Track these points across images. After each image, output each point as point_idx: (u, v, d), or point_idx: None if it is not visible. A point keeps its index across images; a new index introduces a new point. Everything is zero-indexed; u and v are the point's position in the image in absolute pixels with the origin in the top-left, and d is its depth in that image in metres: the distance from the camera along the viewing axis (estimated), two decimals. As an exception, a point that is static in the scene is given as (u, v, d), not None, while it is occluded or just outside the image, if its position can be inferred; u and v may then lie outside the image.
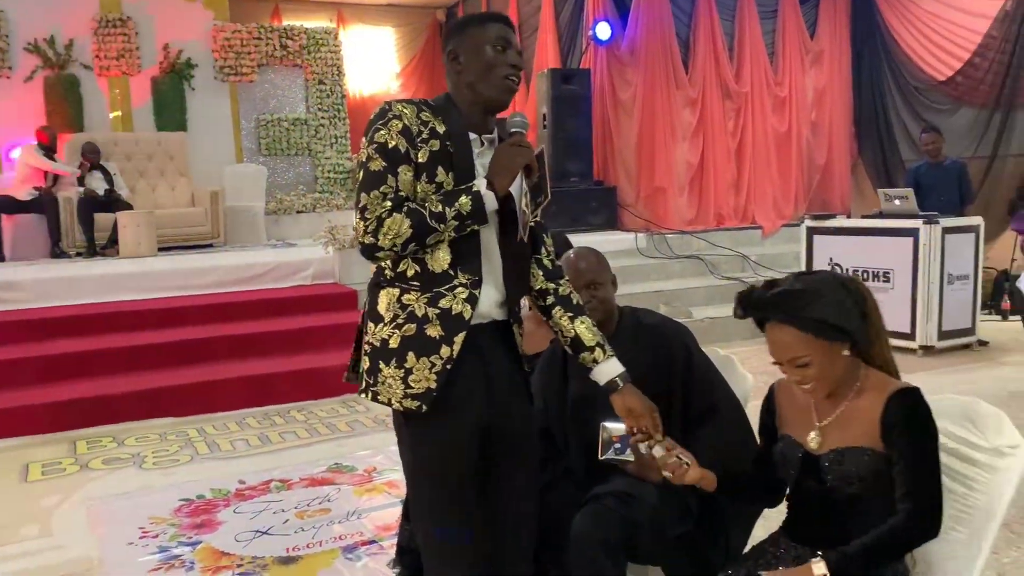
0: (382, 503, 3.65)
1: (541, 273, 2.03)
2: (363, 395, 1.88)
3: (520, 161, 1.81)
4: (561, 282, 2.05)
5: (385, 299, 1.85)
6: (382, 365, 1.83)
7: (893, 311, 6.31)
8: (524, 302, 2.13)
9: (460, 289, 1.83)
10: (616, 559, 2.06)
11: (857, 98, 10.08)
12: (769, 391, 1.97)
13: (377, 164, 1.79)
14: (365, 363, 1.88)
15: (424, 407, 1.80)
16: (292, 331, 6.06)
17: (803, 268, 7.19)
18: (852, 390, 1.79)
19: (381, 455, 4.31)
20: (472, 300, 1.83)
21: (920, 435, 1.69)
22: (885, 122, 9.77)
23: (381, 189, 1.78)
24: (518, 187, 1.85)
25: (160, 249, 7.82)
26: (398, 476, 3.92)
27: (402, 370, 1.81)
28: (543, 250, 2.04)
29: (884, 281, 6.49)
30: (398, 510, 3.53)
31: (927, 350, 6.28)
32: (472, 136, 1.88)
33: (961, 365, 6.02)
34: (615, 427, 2.20)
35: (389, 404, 1.83)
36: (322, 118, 9.84)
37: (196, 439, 4.74)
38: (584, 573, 2.06)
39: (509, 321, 1.94)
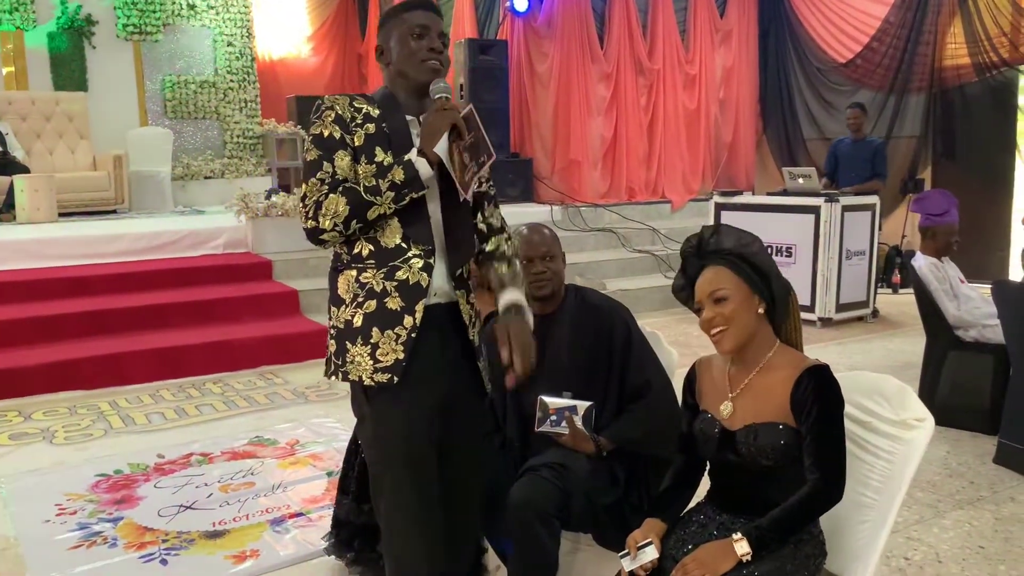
0: (307, 476, 3.66)
1: (477, 238, 2.09)
2: (332, 378, 1.92)
3: (444, 122, 1.85)
4: (496, 238, 2.09)
5: (344, 282, 1.91)
6: (348, 345, 1.87)
7: (795, 285, 6.56)
8: None
9: (414, 259, 1.88)
10: (551, 527, 2.16)
11: (763, 77, 10.41)
12: (691, 368, 2.05)
13: (313, 154, 1.89)
14: (332, 346, 1.92)
15: (395, 378, 1.85)
16: (205, 302, 5.93)
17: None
18: (763, 360, 1.89)
19: (303, 428, 4.30)
20: (427, 268, 1.89)
21: (827, 411, 1.81)
22: (789, 101, 10.12)
23: (318, 176, 1.87)
24: (444, 149, 1.88)
25: (60, 215, 7.49)
26: (322, 448, 3.96)
27: (368, 346, 1.85)
28: (480, 215, 2.08)
29: (787, 256, 6.79)
30: (324, 483, 3.57)
31: (825, 322, 6.63)
32: (410, 118, 1.95)
33: (856, 336, 6.38)
34: (552, 401, 2.30)
35: (360, 382, 1.87)
36: (231, 81, 9.54)
37: (109, 412, 4.62)
38: (522, 540, 2.15)
39: (457, 303, 1.98)
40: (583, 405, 2.29)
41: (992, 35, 8.29)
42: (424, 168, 1.85)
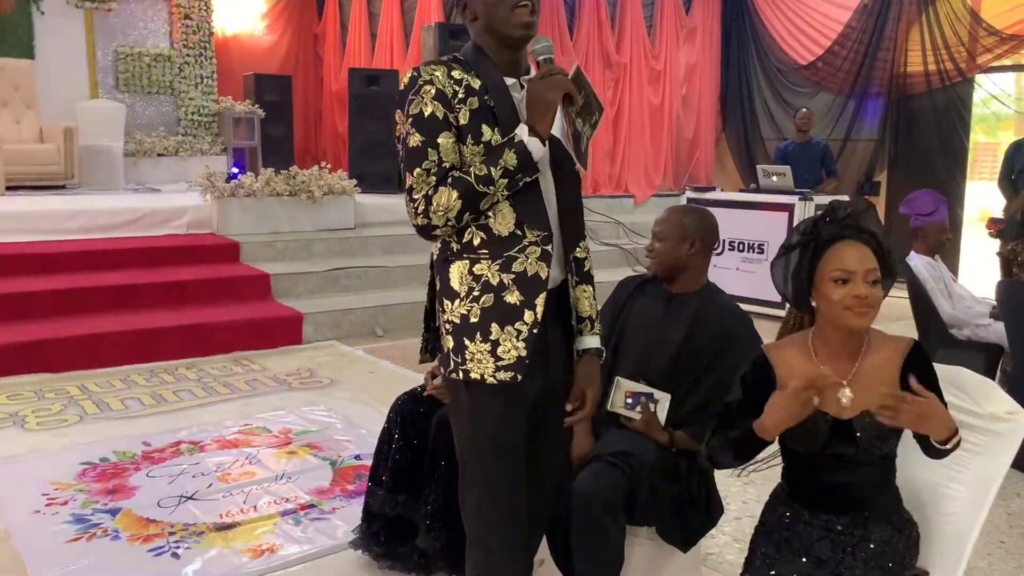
0: (311, 466, 3.52)
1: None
2: (454, 375, 1.80)
3: (555, 95, 1.72)
4: (581, 244, 2.00)
5: (456, 273, 1.78)
6: (467, 342, 1.76)
7: (766, 281, 6.68)
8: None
9: (531, 248, 1.76)
10: (618, 519, 2.10)
11: (724, 76, 10.52)
12: (761, 357, 1.94)
13: (416, 139, 1.72)
14: (448, 342, 1.80)
15: (519, 376, 1.75)
16: (173, 283, 5.68)
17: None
18: (864, 342, 1.85)
19: (293, 415, 4.14)
20: (546, 258, 1.77)
21: (938, 386, 1.81)
22: (749, 100, 10.26)
23: (424, 165, 1.71)
24: (560, 122, 1.77)
25: (7, 188, 7.08)
26: (318, 438, 3.83)
27: (488, 343, 1.75)
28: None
29: (759, 253, 6.88)
30: (329, 473, 3.44)
31: (795, 318, 6.72)
32: (510, 81, 1.79)
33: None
34: (629, 384, 2.24)
35: (483, 380, 1.76)
36: (187, 55, 9.16)
37: (80, 397, 4.37)
38: (587, 533, 2.08)
39: (566, 281, 1.89)
40: (664, 396, 2.23)
41: (951, 44, 8.53)
42: (537, 148, 1.71)
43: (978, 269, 7.96)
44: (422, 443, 2.53)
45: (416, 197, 1.71)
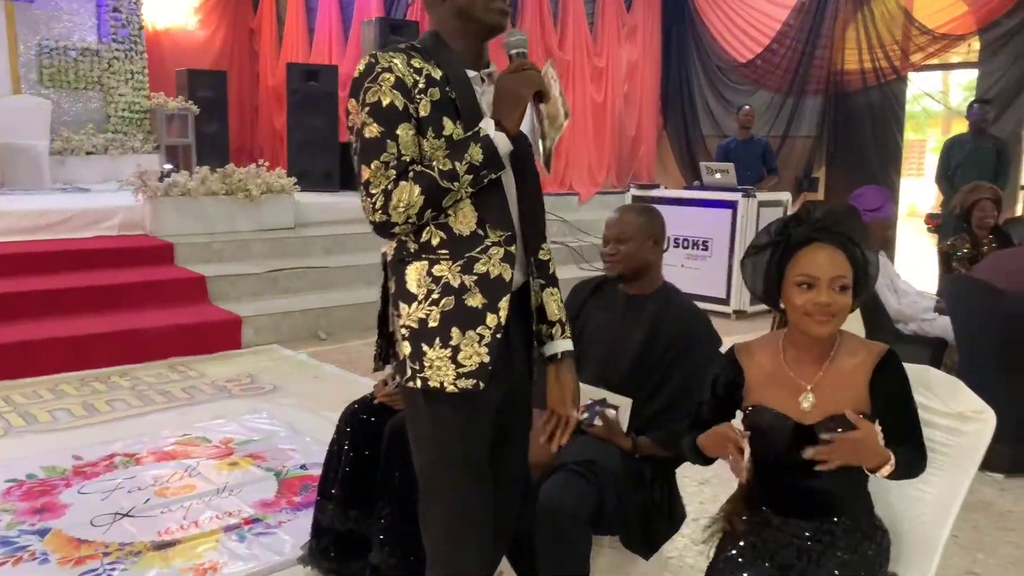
0: (254, 478, 3.37)
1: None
2: (411, 383, 1.68)
3: (527, 90, 1.63)
4: (544, 246, 1.93)
5: (414, 275, 1.68)
6: (425, 348, 1.66)
7: (711, 278, 6.75)
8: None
9: (494, 249, 1.67)
10: (585, 531, 2.03)
11: (665, 73, 10.57)
12: (729, 352, 1.92)
13: (373, 129, 1.61)
14: (405, 349, 1.68)
15: (481, 384, 1.66)
16: (104, 287, 5.43)
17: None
18: (834, 346, 1.81)
19: (234, 424, 3.98)
20: (510, 259, 1.68)
21: (909, 391, 1.78)
22: (689, 98, 10.32)
23: (382, 158, 1.61)
24: (530, 119, 1.69)
25: (-79, 188, 6.72)
26: (261, 447, 3.68)
27: (449, 349, 1.65)
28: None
29: (703, 249, 6.90)
30: (274, 485, 3.31)
31: (740, 314, 6.77)
32: (471, 74, 1.70)
33: (768, 327, 6.53)
34: (589, 390, 2.18)
35: (443, 389, 1.66)
36: (116, 50, 8.82)
37: (4, 409, 4.13)
38: (554, 546, 2.01)
39: (527, 284, 1.81)
40: (623, 401, 2.17)
41: (885, 43, 8.70)
42: (504, 144, 1.63)
43: (911, 264, 8.15)
44: (374, 454, 2.42)
45: (374, 192, 1.60)
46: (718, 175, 7.04)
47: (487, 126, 1.63)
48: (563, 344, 1.88)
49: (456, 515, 1.72)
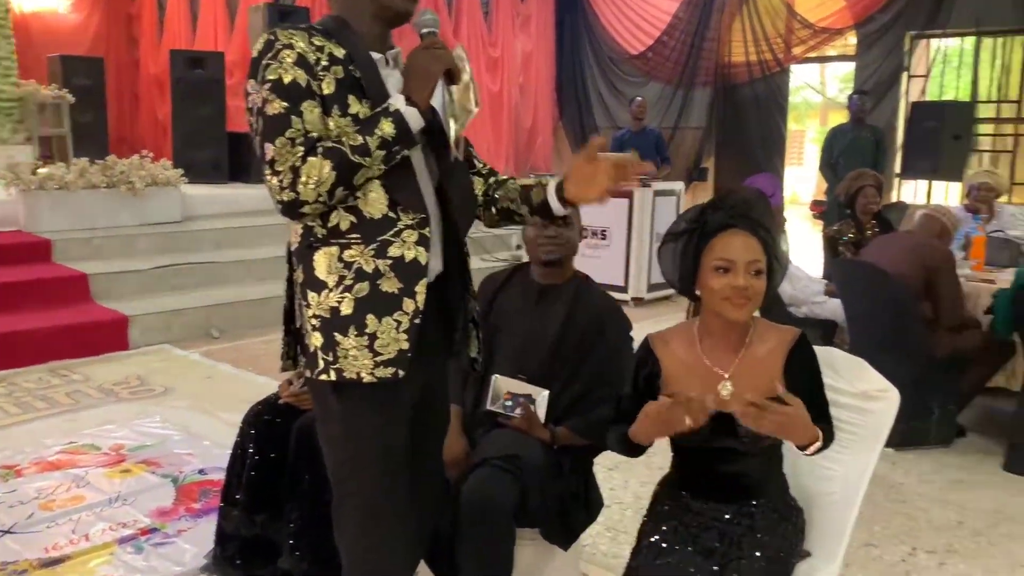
0: (149, 485, 3.19)
1: (481, 183, 1.84)
2: (324, 376, 1.60)
3: (438, 67, 1.59)
4: (496, 174, 1.88)
5: (324, 261, 1.60)
6: (339, 337, 1.58)
7: (609, 266, 6.83)
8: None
9: (408, 232, 1.61)
10: (510, 526, 2.00)
11: (559, 64, 10.66)
12: (645, 344, 1.92)
13: (276, 106, 1.53)
14: (316, 340, 1.60)
15: (401, 372, 1.59)
16: (-27, 288, 5.05)
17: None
18: (750, 333, 1.83)
19: (125, 430, 3.76)
20: (424, 242, 1.62)
21: (819, 374, 1.82)
22: (583, 89, 10.45)
23: (288, 134, 1.53)
24: (440, 98, 1.64)
25: None
26: (155, 453, 3.50)
27: (365, 337, 1.57)
28: (476, 161, 1.86)
29: (602, 239, 6.97)
30: (171, 492, 3.16)
31: (638, 301, 6.88)
32: (376, 56, 1.65)
33: (667, 314, 6.68)
34: (507, 382, 2.15)
35: (359, 379, 1.58)
36: (-21, 34, 8.22)
37: None
38: (478, 543, 1.97)
39: (447, 275, 1.75)
40: (542, 392, 2.15)
41: (769, 36, 9.01)
42: (415, 119, 1.57)
43: (795, 249, 8.48)
44: (280, 456, 2.32)
45: (280, 169, 1.52)
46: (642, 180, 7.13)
47: (397, 101, 1.58)
48: (554, 179, 1.79)
49: (373, 516, 1.66)
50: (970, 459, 3.69)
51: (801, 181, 15.19)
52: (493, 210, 1.83)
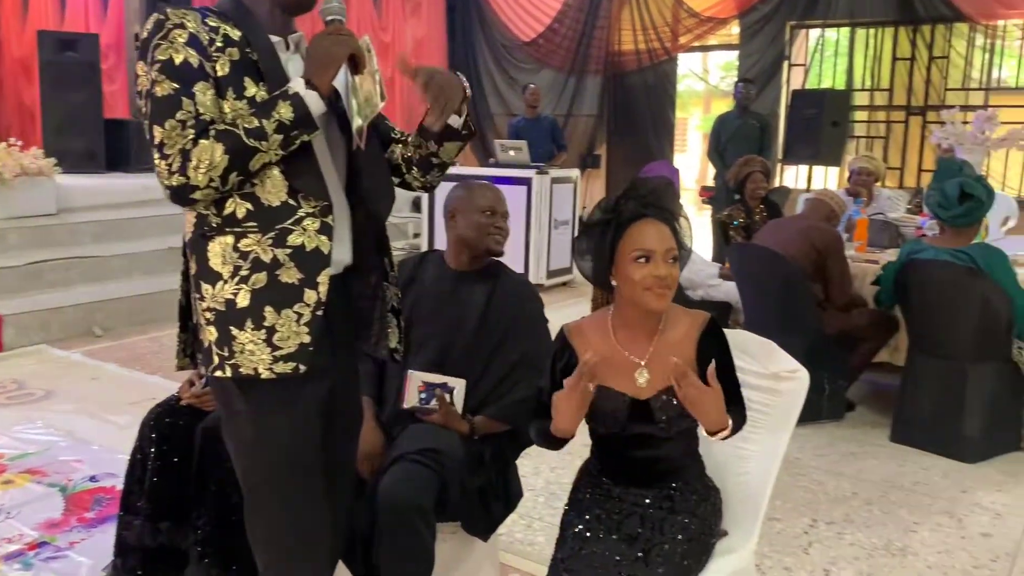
0: (35, 495, 2.99)
1: (400, 148, 1.77)
2: (219, 372, 1.51)
3: (342, 50, 1.54)
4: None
5: (218, 251, 1.52)
6: (234, 331, 1.50)
7: (509, 253, 6.80)
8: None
9: (308, 220, 1.54)
10: (430, 522, 1.96)
11: (451, 50, 10.57)
12: (561, 335, 1.91)
13: (166, 87, 1.46)
14: (210, 334, 1.52)
15: (301, 367, 1.52)
16: None
17: (423, 214, 7.42)
18: (662, 320, 1.84)
19: (5, 437, 3.52)
20: (326, 230, 1.56)
21: (730, 356, 1.85)
22: (476, 76, 10.39)
23: (178, 116, 1.46)
24: (344, 83, 1.59)
25: None
26: (40, 461, 3.31)
27: (262, 330, 1.50)
28: (393, 133, 1.79)
29: (500, 226, 6.97)
30: (60, 502, 2.98)
31: (538, 288, 6.92)
32: (275, 39, 1.59)
33: (567, 300, 6.76)
34: (421, 376, 2.11)
35: (257, 375, 1.50)
36: None
37: None
38: (398, 540, 1.92)
39: (356, 268, 1.69)
40: (458, 383, 2.11)
41: (657, 25, 9.19)
42: (315, 103, 1.51)
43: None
44: (184, 461, 2.21)
45: (169, 153, 1.44)
46: (512, 152, 7.14)
47: (296, 84, 1.51)
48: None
49: (288, 519, 1.60)
50: (860, 432, 3.88)
51: (686, 168, 15.65)
52: (414, 169, 1.78)
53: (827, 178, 8.62)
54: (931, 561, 2.72)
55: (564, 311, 6.23)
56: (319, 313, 1.54)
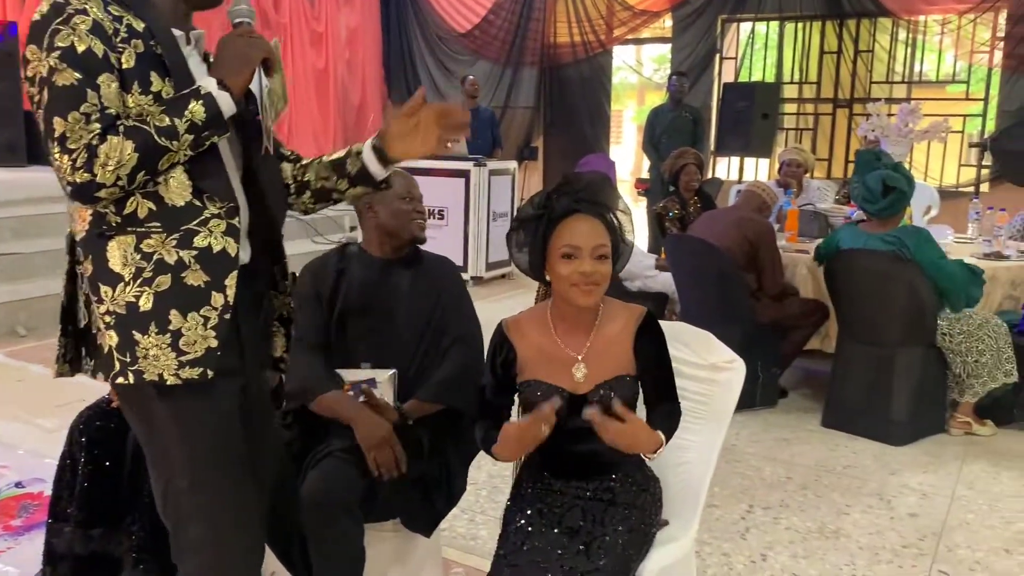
0: (-44, 504, 2.88)
1: (290, 167, 1.74)
2: (121, 379, 1.45)
3: (257, 54, 1.50)
4: (301, 159, 1.77)
5: (118, 252, 1.45)
6: (137, 335, 1.45)
7: (448, 246, 6.81)
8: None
9: (215, 221, 1.50)
10: (356, 517, 1.95)
11: (386, 41, 10.47)
12: (499, 331, 1.91)
13: (68, 77, 1.38)
14: (110, 339, 1.46)
15: (209, 372, 1.48)
16: None
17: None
18: (599, 314, 1.86)
19: (-79, 444, 3.38)
20: (233, 232, 1.51)
21: (666, 351, 1.87)
22: (412, 67, 10.33)
23: (82, 109, 1.38)
24: (257, 87, 1.53)
25: None
26: (-37, 468, 3.16)
27: (167, 335, 1.45)
28: (281, 149, 1.75)
29: (439, 219, 6.95)
30: (-16, 509, 2.85)
31: (477, 280, 6.93)
32: (177, 33, 1.53)
33: (506, 292, 6.77)
34: (347, 374, 2.09)
35: (162, 382, 1.45)
36: None
37: None
38: (324, 537, 1.91)
39: (261, 268, 1.65)
40: (384, 374, 2.10)
41: (592, 17, 9.24)
42: (227, 104, 1.46)
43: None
44: (117, 465, 2.14)
45: (73, 147, 1.37)
46: (449, 145, 7.07)
47: (208, 84, 1.46)
48: (368, 141, 1.71)
49: (212, 530, 1.56)
50: (793, 418, 3.98)
51: (622, 159, 15.80)
52: (307, 194, 1.74)
53: (758, 169, 8.80)
54: (863, 542, 2.81)
55: (504, 303, 6.25)
56: (227, 316, 1.50)
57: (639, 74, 11.30)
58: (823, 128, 8.51)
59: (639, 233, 7.06)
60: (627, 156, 17.06)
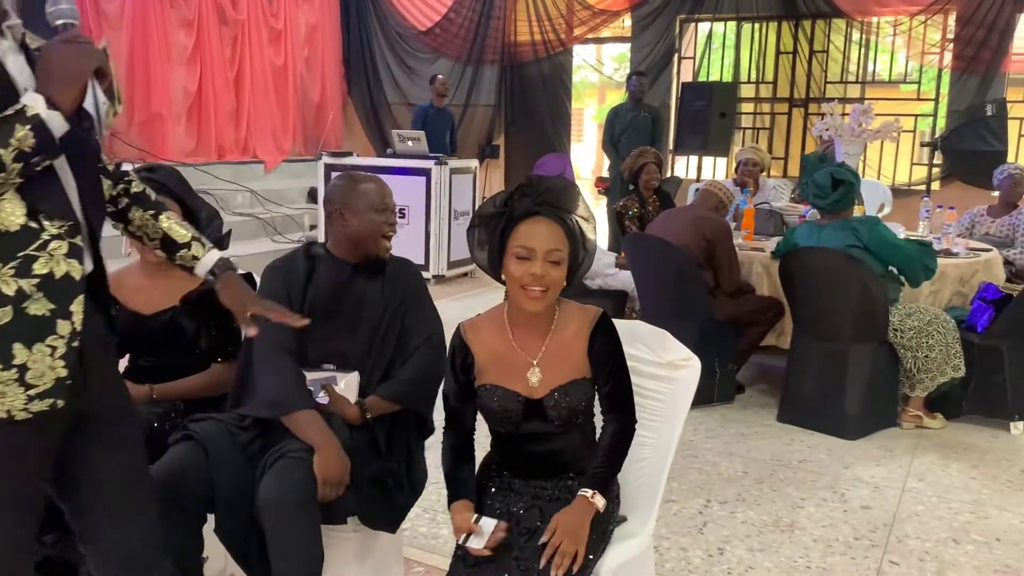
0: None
1: (108, 180, 1.64)
2: None
3: (90, 63, 1.38)
4: (130, 181, 1.68)
5: None
6: None
7: (409, 245, 6.80)
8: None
9: (55, 243, 1.40)
10: (312, 516, 1.95)
11: (346, 38, 10.40)
12: (457, 334, 1.92)
13: None
14: None
15: (60, 402, 1.41)
16: None
17: (320, 205, 7.29)
18: (555, 318, 1.86)
19: None
20: (76, 253, 1.43)
21: (620, 354, 1.89)
22: (372, 64, 10.26)
23: None
24: (92, 99, 1.42)
25: None
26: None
27: (13, 369, 1.37)
28: (102, 155, 1.64)
29: (400, 217, 6.91)
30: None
31: (439, 279, 6.93)
32: None
33: (468, 290, 6.78)
34: (311, 373, 2.11)
35: (10, 418, 1.37)
36: None
37: None
38: (280, 537, 1.91)
39: (96, 275, 1.55)
40: (350, 376, 2.11)
41: (552, 16, 9.28)
42: (59, 125, 1.35)
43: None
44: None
45: None
46: (410, 143, 7.09)
47: (35, 103, 1.33)
48: (211, 257, 1.70)
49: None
50: (749, 413, 4.05)
51: (583, 158, 15.88)
52: (123, 226, 1.69)
53: (716, 168, 8.91)
54: (817, 535, 2.87)
55: (465, 301, 6.26)
56: (75, 344, 1.42)
57: (600, 73, 11.36)
58: (779, 127, 8.64)
59: (600, 232, 7.12)
60: (588, 154, 17.14)
